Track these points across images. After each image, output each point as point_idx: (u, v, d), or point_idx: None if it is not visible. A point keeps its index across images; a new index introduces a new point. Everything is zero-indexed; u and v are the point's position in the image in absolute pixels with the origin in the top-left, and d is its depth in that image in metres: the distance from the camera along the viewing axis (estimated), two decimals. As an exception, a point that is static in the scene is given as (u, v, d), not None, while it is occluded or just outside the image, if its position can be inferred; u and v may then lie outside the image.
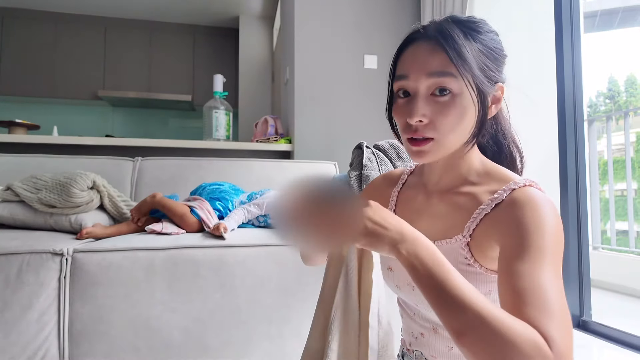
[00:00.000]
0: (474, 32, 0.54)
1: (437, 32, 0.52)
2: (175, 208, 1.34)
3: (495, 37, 0.56)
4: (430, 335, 0.61)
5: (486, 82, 0.53)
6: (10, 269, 1.04)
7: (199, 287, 1.14)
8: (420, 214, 0.62)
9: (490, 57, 0.54)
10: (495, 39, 0.56)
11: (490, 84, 0.54)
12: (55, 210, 1.31)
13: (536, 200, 0.49)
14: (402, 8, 2.50)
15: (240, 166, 1.92)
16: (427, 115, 0.52)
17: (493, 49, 0.55)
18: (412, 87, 0.54)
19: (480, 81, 0.52)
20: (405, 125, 0.55)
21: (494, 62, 0.55)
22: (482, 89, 0.52)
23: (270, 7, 3.71)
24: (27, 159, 1.76)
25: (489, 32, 0.56)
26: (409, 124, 0.54)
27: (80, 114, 4.08)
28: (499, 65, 0.56)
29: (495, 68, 0.55)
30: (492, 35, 0.56)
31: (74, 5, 3.73)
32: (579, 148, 1.71)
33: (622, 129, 2.36)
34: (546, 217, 0.48)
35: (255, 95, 3.82)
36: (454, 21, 0.54)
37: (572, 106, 1.73)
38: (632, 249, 2.45)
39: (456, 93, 0.52)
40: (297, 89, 2.34)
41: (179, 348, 1.12)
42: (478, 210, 0.53)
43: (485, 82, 0.53)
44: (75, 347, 1.07)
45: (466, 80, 0.51)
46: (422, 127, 0.53)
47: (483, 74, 0.53)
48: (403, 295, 0.64)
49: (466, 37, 0.53)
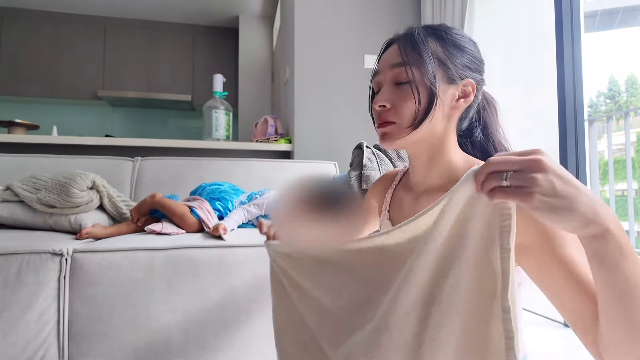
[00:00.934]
0: (439, 31, 0.61)
1: (403, 35, 0.61)
2: (175, 208, 1.34)
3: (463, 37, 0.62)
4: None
5: (443, 74, 0.59)
6: (10, 269, 1.04)
7: (198, 287, 1.14)
8: (408, 215, 0.64)
9: (451, 51, 0.60)
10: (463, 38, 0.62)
11: (448, 77, 0.59)
12: (54, 210, 1.31)
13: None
14: (402, 8, 2.50)
15: (240, 166, 1.92)
16: (389, 100, 0.59)
17: (458, 45, 0.60)
18: (381, 80, 0.62)
19: (429, 71, 0.57)
20: (375, 114, 0.62)
21: (458, 58, 0.60)
22: (431, 79, 0.57)
23: (270, 7, 3.71)
24: (26, 159, 1.75)
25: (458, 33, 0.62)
26: (377, 112, 0.61)
27: (79, 113, 4.07)
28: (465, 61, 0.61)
29: (460, 62, 0.60)
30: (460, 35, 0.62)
31: (74, 5, 3.73)
32: (580, 148, 1.71)
33: (623, 128, 2.35)
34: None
35: (255, 95, 3.81)
36: (427, 27, 0.62)
37: (572, 106, 1.73)
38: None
39: (416, 80, 0.57)
40: (297, 89, 2.34)
41: (179, 348, 1.12)
42: None
43: (440, 74, 0.58)
44: (75, 347, 1.07)
45: (417, 73, 0.57)
46: (386, 112, 0.60)
47: (441, 65, 0.58)
48: None
49: (429, 35, 0.60)
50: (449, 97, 0.59)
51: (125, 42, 3.96)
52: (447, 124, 0.61)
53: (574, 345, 1.53)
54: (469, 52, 0.61)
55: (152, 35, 4.02)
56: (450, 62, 0.59)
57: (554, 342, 1.57)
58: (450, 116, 0.61)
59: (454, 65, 0.59)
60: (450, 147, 0.62)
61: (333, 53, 2.38)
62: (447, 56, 0.59)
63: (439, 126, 0.60)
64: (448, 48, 0.59)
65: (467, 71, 0.60)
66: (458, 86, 0.60)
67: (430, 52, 0.58)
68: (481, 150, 0.66)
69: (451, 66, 0.59)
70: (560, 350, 1.51)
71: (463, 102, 0.60)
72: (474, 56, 0.62)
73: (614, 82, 4.23)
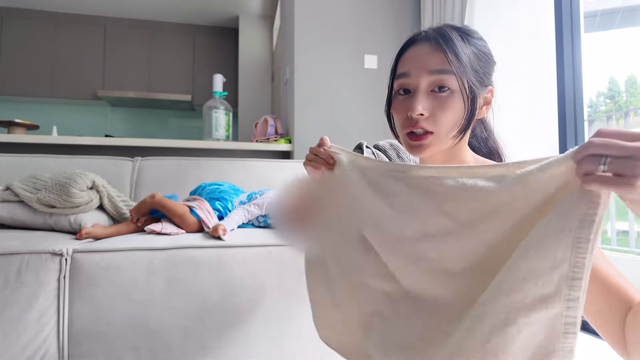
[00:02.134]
0: (469, 36, 0.59)
1: (438, 35, 0.58)
2: (174, 208, 1.34)
3: (486, 44, 0.62)
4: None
5: (477, 83, 0.58)
6: (10, 269, 1.04)
7: (198, 287, 1.14)
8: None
9: (482, 60, 0.59)
10: (486, 46, 0.61)
11: (481, 86, 0.59)
12: (54, 210, 1.31)
13: None
14: (402, 8, 2.50)
15: (240, 166, 1.92)
16: (427, 109, 0.56)
17: (485, 54, 0.60)
18: (413, 84, 0.58)
19: (472, 81, 0.56)
20: (405, 119, 0.58)
21: (485, 66, 0.60)
22: (474, 89, 0.57)
23: (270, 7, 3.71)
24: (26, 159, 1.75)
25: (481, 39, 0.61)
26: (409, 118, 0.57)
27: (79, 113, 4.07)
28: (490, 69, 0.61)
29: (486, 71, 0.60)
30: (483, 42, 0.61)
31: (74, 5, 3.73)
32: (579, 148, 1.71)
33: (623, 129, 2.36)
34: None
35: (255, 95, 3.82)
36: (451, 27, 0.60)
37: (572, 106, 1.73)
38: (632, 249, 2.45)
39: (454, 90, 0.56)
40: (297, 89, 2.34)
41: (179, 348, 1.12)
42: None
43: (477, 83, 0.58)
44: (74, 347, 1.07)
45: (461, 79, 0.56)
46: (423, 120, 0.57)
47: (476, 75, 0.57)
48: None
49: (462, 40, 0.58)
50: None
51: (125, 42, 3.96)
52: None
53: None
54: (490, 58, 0.61)
55: (152, 35, 4.02)
56: (481, 70, 0.59)
57: (553, 342, 1.57)
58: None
59: (483, 73, 0.59)
60: (464, 149, 0.63)
61: (333, 53, 2.38)
62: (478, 64, 0.58)
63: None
64: (478, 56, 0.59)
65: (489, 78, 0.61)
66: (483, 94, 0.60)
67: (467, 60, 0.57)
68: (484, 143, 0.67)
69: (481, 74, 0.59)
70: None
71: (485, 108, 0.61)
72: (494, 63, 0.62)
73: (613, 82, 4.23)
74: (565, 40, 1.74)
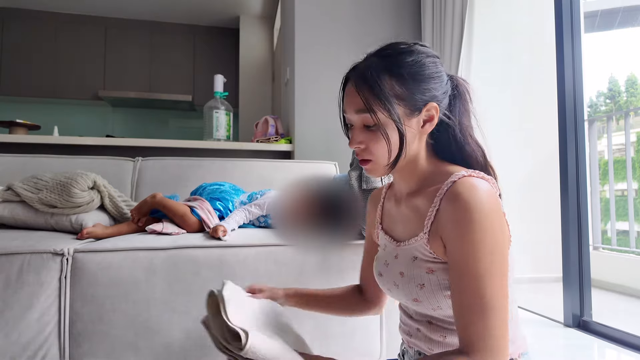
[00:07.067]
0: (395, 65, 0.60)
1: (357, 74, 0.61)
2: (175, 208, 1.34)
3: (423, 60, 0.61)
4: (425, 328, 0.65)
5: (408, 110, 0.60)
6: (11, 269, 1.05)
7: (199, 287, 1.14)
8: (395, 221, 0.70)
9: (413, 82, 0.60)
10: (419, 63, 0.61)
11: (414, 109, 0.60)
12: (55, 210, 1.31)
13: (468, 193, 0.54)
14: (403, 8, 2.51)
15: (240, 166, 1.92)
16: (363, 143, 0.62)
17: (417, 74, 0.60)
18: (350, 121, 0.64)
19: (397, 114, 0.59)
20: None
21: (418, 86, 0.60)
22: (399, 120, 0.59)
23: (270, 7, 3.71)
24: (27, 159, 1.76)
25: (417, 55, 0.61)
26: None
27: (80, 114, 4.08)
28: (425, 87, 0.61)
29: (420, 91, 0.60)
30: (417, 58, 0.61)
31: (74, 5, 3.73)
32: (580, 148, 1.71)
33: (623, 129, 2.35)
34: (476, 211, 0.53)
35: (256, 96, 3.82)
36: (380, 56, 0.62)
37: (572, 106, 1.73)
38: (632, 249, 2.45)
39: (383, 123, 0.59)
40: (297, 89, 2.34)
41: (180, 348, 1.13)
42: (431, 209, 0.59)
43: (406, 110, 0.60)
44: (75, 347, 1.08)
45: (381, 115, 0.59)
46: (361, 152, 0.63)
47: (404, 102, 0.59)
48: (394, 297, 0.70)
49: (383, 71, 0.60)
50: (414, 126, 0.61)
51: (126, 43, 3.97)
52: (419, 143, 0.64)
53: (574, 345, 1.54)
54: (426, 75, 0.61)
55: (152, 35, 4.02)
56: (410, 95, 0.60)
57: (554, 342, 1.58)
58: (420, 138, 0.64)
59: (413, 97, 0.60)
60: (422, 158, 0.65)
61: (333, 53, 2.38)
62: (405, 90, 0.59)
63: (412, 148, 0.63)
64: (405, 82, 0.60)
65: (427, 95, 0.61)
66: (421, 113, 0.61)
67: (387, 93, 0.58)
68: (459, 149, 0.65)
69: (410, 99, 0.60)
70: (561, 350, 1.51)
71: (429, 125, 0.62)
72: (431, 77, 0.61)
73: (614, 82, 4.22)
74: (565, 40, 1.74)
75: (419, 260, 0.61)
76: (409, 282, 0.62)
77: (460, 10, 2.05)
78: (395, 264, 0.66)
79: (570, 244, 1.70)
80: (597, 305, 1.72)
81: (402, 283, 0.63)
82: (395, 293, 0.67)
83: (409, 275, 0.62)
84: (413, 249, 0.62)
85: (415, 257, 0.62)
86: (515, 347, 0.62)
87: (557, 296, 1.85)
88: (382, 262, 0.70)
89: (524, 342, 0.65)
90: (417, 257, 0.62)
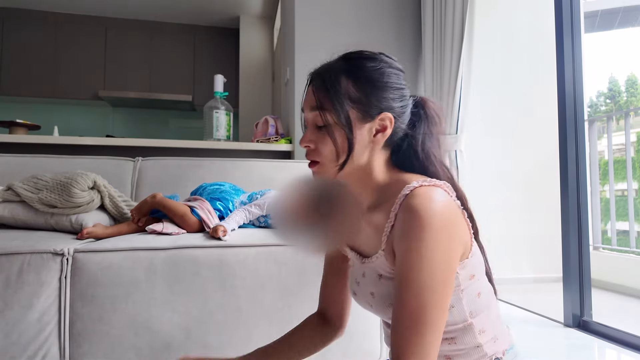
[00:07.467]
0: (356, 67, 0.61)
1: (317, 74, 0.62)
2: (175, 208, 1.34)
3: (384, 69, 0.61)
4: None
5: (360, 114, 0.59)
6: (11, 269, 1.05)
7: (199, 287, 1.14)
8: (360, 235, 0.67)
9: (371, 88, 0.59)
10: (381, 71, 0.61)
11: (366, 115, 0.59)
12: (56, 210, 1.31)
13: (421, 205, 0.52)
14: (403, 8, 2.51)
15: (240, 166, 1.92)
16: (312, 142, 0.61)
17: (377, 81, 0.60)
18: (305, 119, 0.64)
19: (346, 117, 0.58)
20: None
21: (376, 93, 0.59)
22: (347, 125, 0.58)
23: (270, 7, 3.71)
24: (27, 159, 1.76)
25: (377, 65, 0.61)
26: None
27: (80, 114, 4.08)
28: (382, 95, 0.60)
29: (376, 98, 0.59)
30: (381, 67, 0.61)
31: (74, 5, 3.73)
32: (580, 148, 1.71)
33: (623, 129, 2.35)
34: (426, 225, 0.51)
35: (256, 96, 3.82)
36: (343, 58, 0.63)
37: (572, 106, 1.73)
38: (632, 249, 2.45)
39: (333, 124, 0.59)
40: (297, 89, 2.34)
41: (180, 348, 1.13)
42: (387, 224, 0.58)
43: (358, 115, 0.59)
44: (76, 347, 1.08)
45: (331, 116, 0.58)
46: (310, 152, 0.62)
47: (358, 106, 0.59)
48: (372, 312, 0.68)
49: (342, 73, 0.60)
50: (366, 134, 0.60)
51: (126, 43, 3.97)
52: (371, 154, 0.61)
53: (574, 345, 1.54)
54: (384, 83, 0.60)
55: (152, 35, 4.02)
56: (365, 99, 0.59)
57: (554, 342, 1.58)
58: (372, 148, 0.61)
59: (368, 103, 0.59)
60: (377, 170, 0.62)
61: (333, 53, 2.38)
62: (361, 94, 0.59)
63: (363, 158, 0.61)
64: (361, 86, 0.59)
65: (383, 104, 0.60)
66: (374, 121, 0.60)
67: (342, 94, 0.58)
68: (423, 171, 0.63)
69: (365, 104, 0.59)
70: (561, 350, 1.51)
71: (381, 136, 0.60)
72: (390, 87, 0.61)
73: (614, 82, 4.23)
74: (566, 40, 1.74)
75: (384, 278, 0.60)
76: (381, 302, 0.61)
77: (460, 10, 2.05)
78: (364, 283, 0.64)
79: (571, 244, 1.70)
80: (597, 305, 1.72)
81: (375, 303, 0.62)
82: (373, 312, 0.66)
83: (379, 295, 0.61)
84: (376, 266, 0.61)
85: (380, 275, 0.61)
86: (498, 344, 0.61)
87: (557, 296, 1.85)
88: (354, 280, 0.68)
89: (509, 338, 0.64)
90: (382, 275, 0.61)
